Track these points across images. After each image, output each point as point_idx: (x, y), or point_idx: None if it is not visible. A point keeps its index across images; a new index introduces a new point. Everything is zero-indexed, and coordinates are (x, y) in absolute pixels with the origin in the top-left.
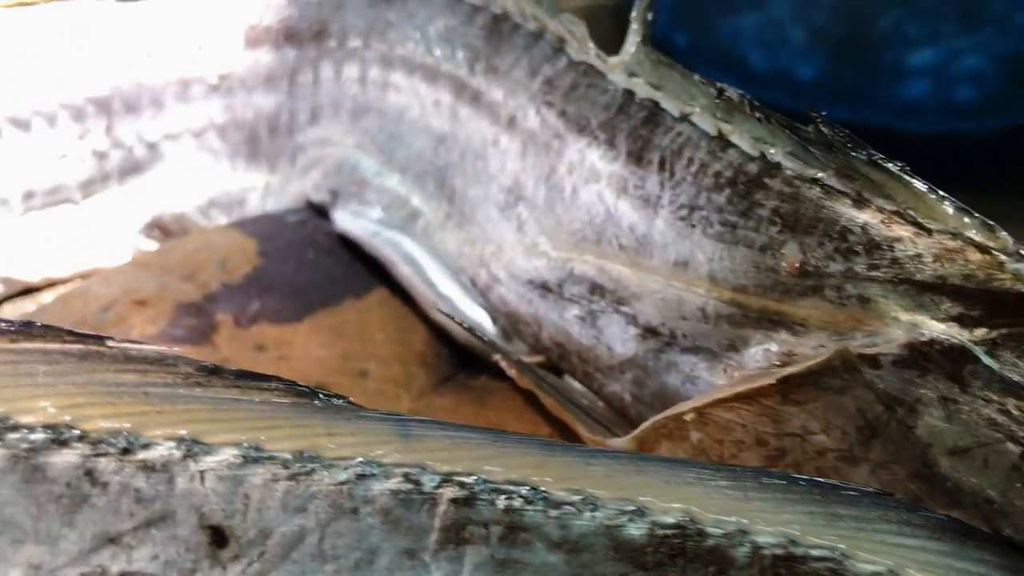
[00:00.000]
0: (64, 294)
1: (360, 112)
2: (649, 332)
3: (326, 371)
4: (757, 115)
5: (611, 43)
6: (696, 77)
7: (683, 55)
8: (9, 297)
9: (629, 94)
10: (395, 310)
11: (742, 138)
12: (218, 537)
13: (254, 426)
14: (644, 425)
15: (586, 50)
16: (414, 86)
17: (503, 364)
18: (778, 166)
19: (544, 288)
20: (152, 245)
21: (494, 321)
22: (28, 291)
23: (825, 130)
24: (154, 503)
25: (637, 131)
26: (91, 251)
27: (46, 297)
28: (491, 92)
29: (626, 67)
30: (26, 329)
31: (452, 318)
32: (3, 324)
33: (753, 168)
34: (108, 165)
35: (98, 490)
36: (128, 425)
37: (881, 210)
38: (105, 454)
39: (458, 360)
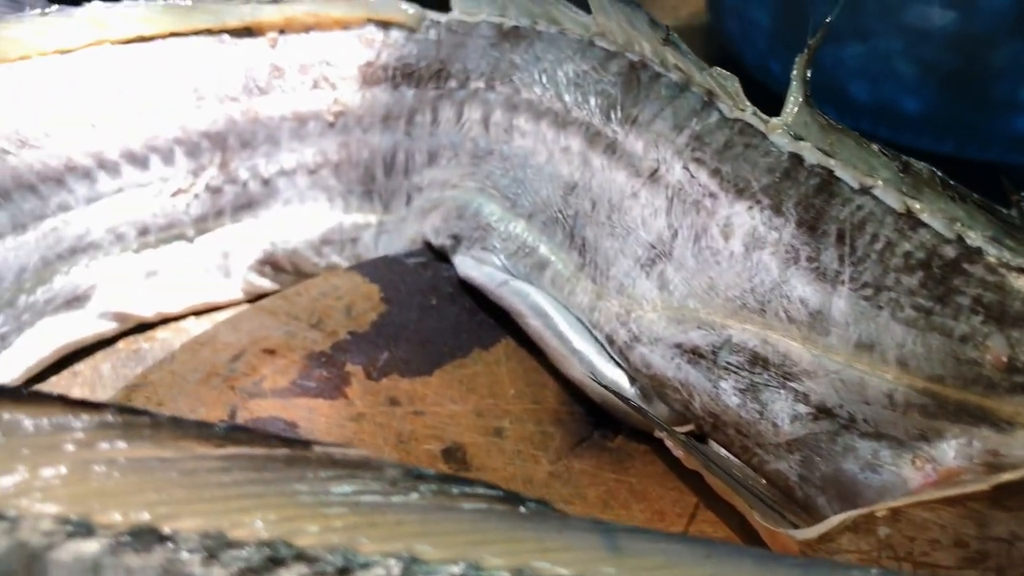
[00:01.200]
0: (191, 342)
1: (482, 155)
2: (823, 412)
3: (461, 429)
4: (950, 193)
5: None
6: (875, 147)
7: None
8: (125, 333)
9: (797, 159)
10: (523, 362)
11: (934, 217)
12: None
13: (469, 540)
14: (832, 522)
15: (742, 107)
16: (541, 131)
17: (669, 443)
18: (979, 251)
19: (695, 354)
20: (263, 281)
21: (632, 382)
22: (142, 327)
23: None
24: None
25: (809, 199)
26: (203, 287)
27: (161, 334)
28: (629, 142)
29: (789, 129)
30: (232, 434)
31: (591, 377)
32: (211, 428)
33: (950, 252)
34: (222, 201)
35: None
36: (343, 540)
37: None
38: (323, 573)
39: (592, 418)
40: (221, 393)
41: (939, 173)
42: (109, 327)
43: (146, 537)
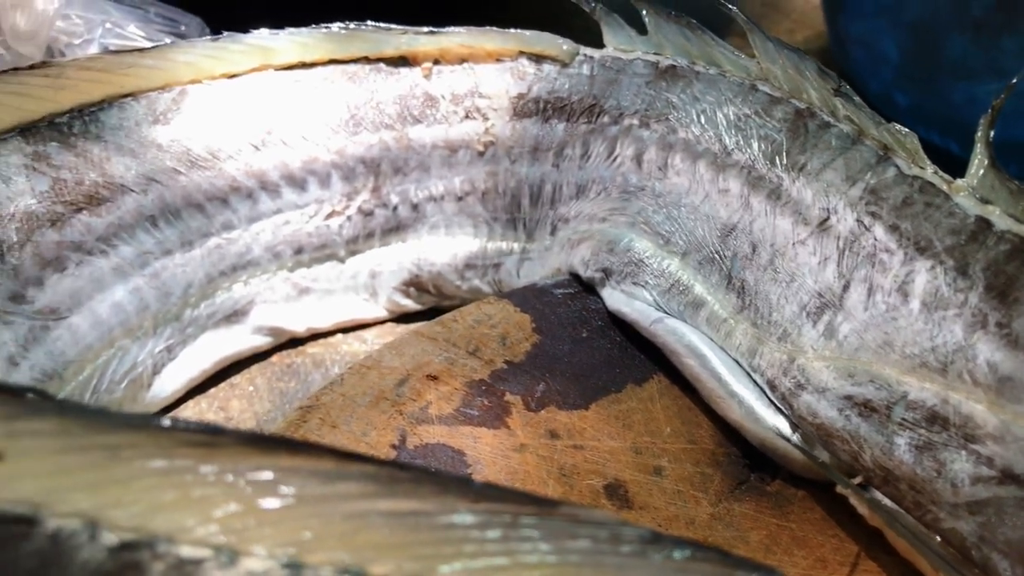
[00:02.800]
0: (357, 366)
1: (633, 191)
2: (1010, 478)
3: (621, 466)
4: None
5: None
6: None
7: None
8: (278, 348)
9: (984, 222)
10: (676, 400)
11: None
12: None
13: None
14: None
15: (921, 164)
16: (698, 171)
17: (853, 500)
18: None
19: (867, 407)
20: (407, 301)
21: (794, 429)
22: (293, 342)
23: None
24: None
25: (999, 266)
26: (352, 305)
27: (311, 349)
28: (796, 189)
29: (975, 191)
30: (488, 492)
31: (757, 422)
32: (466, 486)
33: None
34: (372, 223)
35: None
36: None
37: None
38: None
39: (748, 461)
40: (390, 417)
41: None
42: (264, 341)
43: None
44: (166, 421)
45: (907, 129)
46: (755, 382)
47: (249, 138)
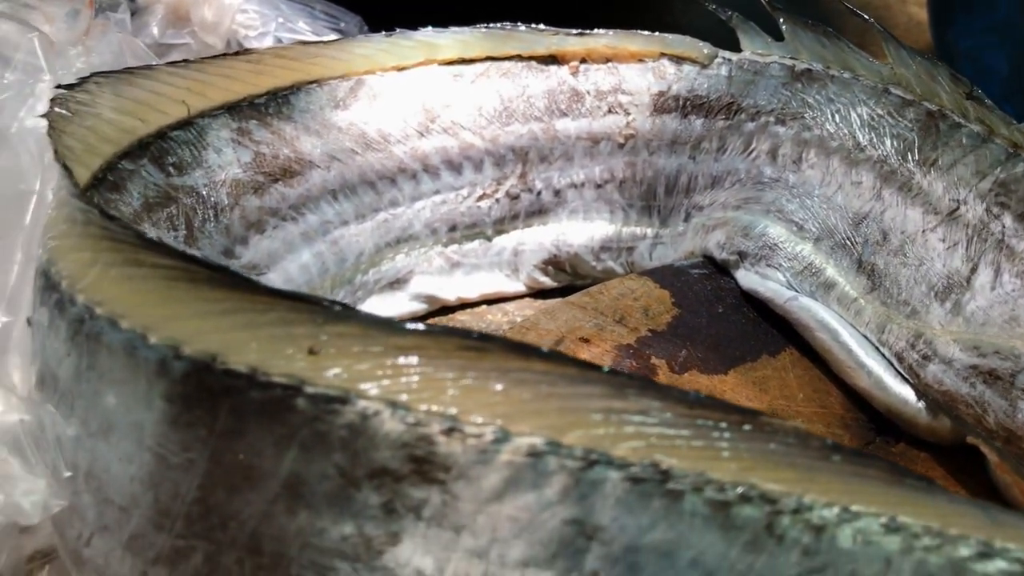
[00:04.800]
0: (518, 327)
1: (767, 183)
2: None
3: None
4: None
5: None
6: None
7: None
8: (430, 314)
9: None
10: (808, 371)
11: None
12: None
13: (888, 502)
14: None
15: None
16: (831, 165)
17: (983, 449)
18: None
19: (991, 375)
20: (545, 279)
21: (919, 396)
22: (444, 309)
23: None
24: (816, 557)
25: None
26: (496, 280)
27: (460, 316)
28: (927, 182)
29: None
30: (703, 401)
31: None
32: (682, 395)
33: None
34: (518, 207)
35: (773, 541)
36: (794, 488)
37: None
38: (781, 512)
39: (874, 425)
40: None
41: None
42: (420, 307)
43: (652, 471)
44: (447, 330)
45: None
46: (883, 355)
47: (415, 125)
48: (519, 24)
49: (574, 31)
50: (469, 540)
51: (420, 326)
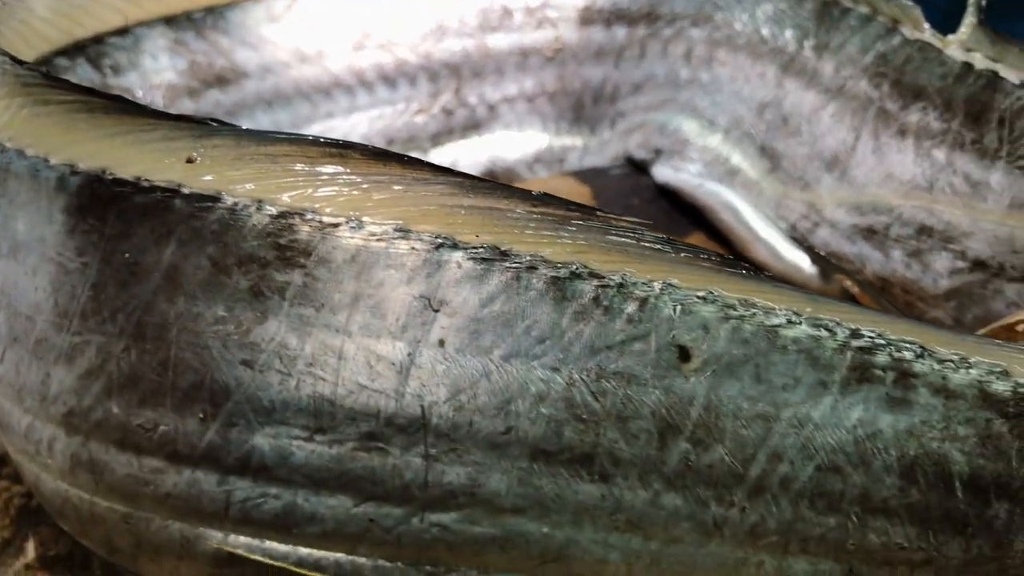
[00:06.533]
0: None
1: (683, 84)
2: (978, 265)
3: None
4: None
5: None
6: None
7: None
8: None
9: (967, 66)
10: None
11: None
12: (684, 354)
13: (708, 280)
14: (980, 332)
15: (921, 30)
16: (738, 61)
17: (847, 284)
18: None
19: (869, 231)
20: None
21: (812, 262)
22: None
23: None
24: (640, 324)
25: (976, 96)
26: None
27: None
28: (821, 65)
29: (962, 44)
30: (544, 198)
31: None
32: (526, 193)
33: None
34: (454, 121)
35: (600, 311)
36: (622, 269)
37: None
38: (609, 285)
39: None
40: None
41: None
42: None
43: (492, 253)
44: (315, 139)
45: (911, 2)
46: (779, 229)
47: (350, 40)
48: None
49: None
50: (328, 316)
51: (290, 134)
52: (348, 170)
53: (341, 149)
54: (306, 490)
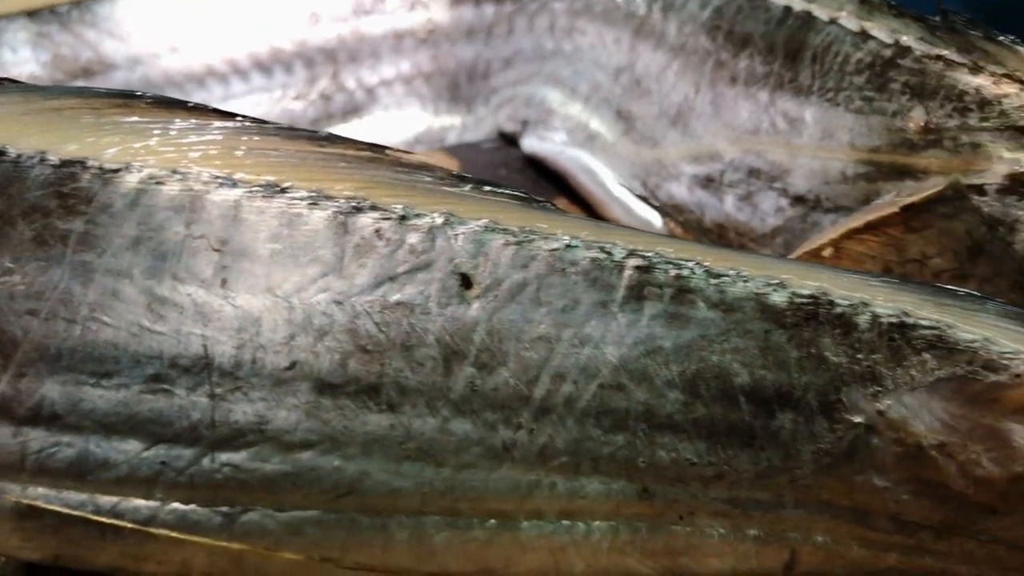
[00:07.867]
0: None
1: (548, 55)
2: (798, 200)
3: None
4: (894, 12)
5: None
6: None
7: None
8: None
9: (787, 9)
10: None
11: (880, 31)
12: (466, 281)
13: (493, 211)
14: (790, 256)
15: None
16: (597, 29)
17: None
18: (909, 48)
19: (707, 180)
20: None
21: (662, 219)
22: None
23: (950, 17)
24: (422, 255)
25: (794, 36)
26: None
27: None
28: (667, 26)
29: None
30: (330, 137)
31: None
32: (312, 133)
33: (888, 53)
34: (332, 107)
35: (383, 243)
36: (405, 202)
37: (993, 74)
38: (389, 216)
39: None
40: None
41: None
42: None
43: (271, 190)
44: (104, 91)
45: None
46: (631, 188)
47: (222, 29)
48: None
49: None
50: (110, 261)
51: (79, 88)
52: (135, 119)
53: (127, 99)
54: (98, 436)
